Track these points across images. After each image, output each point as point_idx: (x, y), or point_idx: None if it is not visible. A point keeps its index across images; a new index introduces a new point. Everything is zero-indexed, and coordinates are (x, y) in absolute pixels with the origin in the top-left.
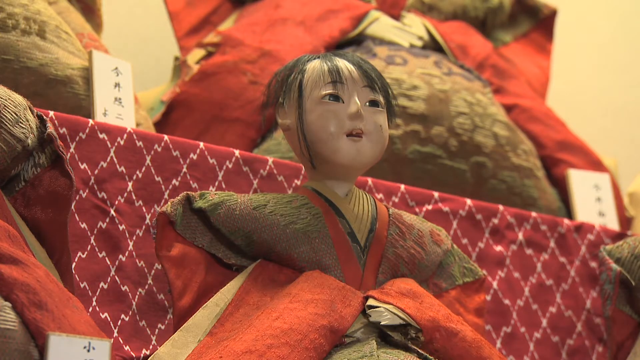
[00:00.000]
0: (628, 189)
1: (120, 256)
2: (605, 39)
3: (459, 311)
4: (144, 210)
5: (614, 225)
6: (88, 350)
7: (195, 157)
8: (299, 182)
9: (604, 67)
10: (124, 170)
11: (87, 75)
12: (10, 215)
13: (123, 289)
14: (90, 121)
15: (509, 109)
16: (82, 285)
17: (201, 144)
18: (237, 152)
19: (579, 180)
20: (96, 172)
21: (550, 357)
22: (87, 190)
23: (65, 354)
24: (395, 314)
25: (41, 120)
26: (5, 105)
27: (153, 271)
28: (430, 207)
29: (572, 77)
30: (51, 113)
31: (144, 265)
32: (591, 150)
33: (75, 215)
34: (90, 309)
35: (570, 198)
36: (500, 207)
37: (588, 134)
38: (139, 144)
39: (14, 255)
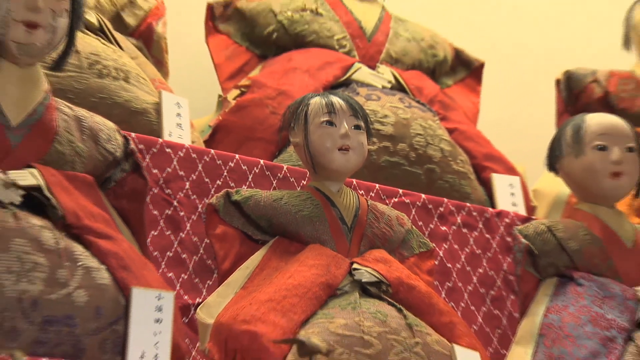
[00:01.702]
0: (533, 187)
1: (181, 234)
2: (514, 85)
3: (416, 272)
4: (197, 202)
5: (523, 212)
6: (159, 299)
7: (232, 165)
8: (304, 182)
9: (517, 104)
10: (183, 174)
11: (158, 108)
12: (105, 206)
13: (183, 256)
14: (160, 140)
15: (451, 131)
16: (154, 254)
17: (237, 156)
18: (261, 162)
19: (499, 181)
20: (164, 175)
21: (478, 304)
22: (157, 188)
23: (143, 301)
24: (372, 274)
25: (126, 139)
26: (101, 129)
27: (203, 244)
28: (396, 199)
29: (495, 110)
30: (133, 134)
31: (197, 240)
32: (507, 160)
33: (150, 205)
34: (160, 271)
35: (493, 193)
36: (445, 200)
37: (505, 149)
38: (194, 155)
39: (107, 233)
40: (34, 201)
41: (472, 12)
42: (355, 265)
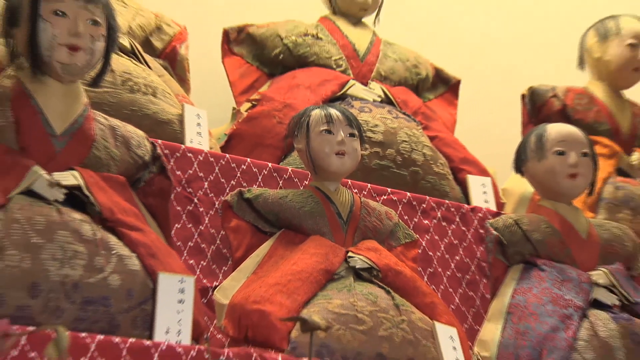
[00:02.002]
0: (502, 186)
1: (200, 227)
2: (486, 100)
3: (402, 259)
4: (214, 199)
5: (493, 208)
6: (181, 283)
7: (244, 167)
8: (307, 182)
9: (489, 115)
10: (202, 175)
11: (181, 119)
12: (135, 202)
13: (202, 246)
14: (182, 146)
15: (432, 138)
16: (177, 244)
17: (248, 160)
18: (270, 165)
19: (473, 182)
20: (186, 176)
21: (456, 286)
22: (180, 188)
23: (168, 285)
24: (364, 261)
25: (153, 145)
26: (132, 137)
27: (220, 236)
28: (385, 197)
29: (470, 120)
30: (159, 141)
31: (214, 232)
32: (480, 163)
33: (174, 202)
34: (182, 258)
35: (468, 192)
36: (427, 198)
37: (478, 154)
38: (211, 159)
39: (138, 226)
40: (75, 199)
41: (450, 37)
42: (350, 254)
